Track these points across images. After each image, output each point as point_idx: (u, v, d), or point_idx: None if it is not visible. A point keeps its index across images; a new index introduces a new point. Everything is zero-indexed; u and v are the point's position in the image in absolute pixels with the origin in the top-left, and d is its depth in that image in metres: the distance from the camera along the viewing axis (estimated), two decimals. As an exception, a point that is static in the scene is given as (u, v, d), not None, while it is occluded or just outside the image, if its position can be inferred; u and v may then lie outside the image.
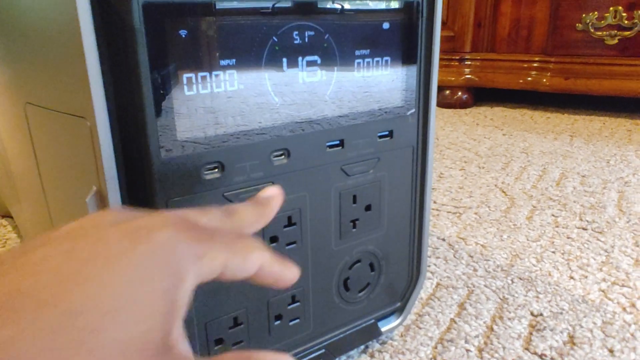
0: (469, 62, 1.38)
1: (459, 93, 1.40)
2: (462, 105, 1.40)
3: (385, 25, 0.31)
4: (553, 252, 0.56)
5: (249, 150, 0.28)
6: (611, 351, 0.39)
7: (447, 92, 1.40)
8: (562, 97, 1.34)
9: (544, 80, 1.28)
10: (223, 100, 0.26)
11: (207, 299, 0.29)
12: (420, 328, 0.43)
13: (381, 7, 0.31)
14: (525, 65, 1.31)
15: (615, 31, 1.19)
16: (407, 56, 0.33)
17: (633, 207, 0.68)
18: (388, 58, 0.32)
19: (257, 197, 0.24)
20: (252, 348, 0.31)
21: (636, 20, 1.16)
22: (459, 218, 0.66)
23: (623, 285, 0.49)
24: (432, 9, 0.33)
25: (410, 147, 0.35)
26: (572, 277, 0.50)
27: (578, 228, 0.62)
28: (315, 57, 0.29)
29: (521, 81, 1.31)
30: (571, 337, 0.41)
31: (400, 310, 0.40)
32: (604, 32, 1.20)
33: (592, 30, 1.21)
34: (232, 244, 0.20)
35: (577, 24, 1.23)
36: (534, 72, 1.30)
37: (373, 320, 0.38)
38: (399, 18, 0.32)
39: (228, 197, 0.28)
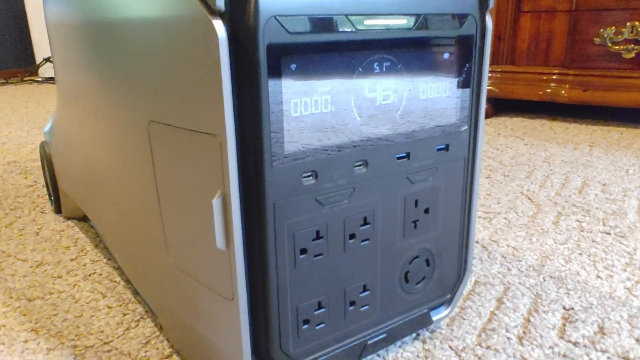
0: (490, 74, 1.44)
1: (480, 104, 1.45)
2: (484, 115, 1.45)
3: (446, 55, 0.37)
4: (580, 254, 0.61)
5: (336, 161, 0.33)
6: (638, 340, 0.44)
7: (468, 102, 1.45)
8: (579, 107, 1.38)
9: (563, 92, 1.32)
10: (319, 120, 0.32)
11: (298, 285, 0.34)
12: (464, 319, 0.48)
13: (444, 41, 0.36)
14: (545, 78, 1.36)
15: (632, 45, 1.23)
16: (462, 81, 0.38)
17: (653, 213, 0.73)
18: (447, 83, 0.37)
19: None
20: (330, 330, 0.37)
21: (653, 35, 1.20)
22: (489, 223, 0.71)
23: (646, 284, 0.54)
24: (483, 41, 0.39)
25: (462, 159, 0.41)
26: (598, 276, 0.55)
27: (602, 232, 0.67)
28: (390, 84, 0.34)
29: (540, 93, 1.36)
30: (601, 327, 0.46)
31: (449, 302, 0.45)
32: (621, 46, 1.25)
33: (609, 44, 1.26)
34: None
35: (595, 38, 1.28)
36: (553, 84, 1.35)
37: (426, 310, 0.43)
38: (457, 49, 0.37)
39: (319, 201, 0.33)
